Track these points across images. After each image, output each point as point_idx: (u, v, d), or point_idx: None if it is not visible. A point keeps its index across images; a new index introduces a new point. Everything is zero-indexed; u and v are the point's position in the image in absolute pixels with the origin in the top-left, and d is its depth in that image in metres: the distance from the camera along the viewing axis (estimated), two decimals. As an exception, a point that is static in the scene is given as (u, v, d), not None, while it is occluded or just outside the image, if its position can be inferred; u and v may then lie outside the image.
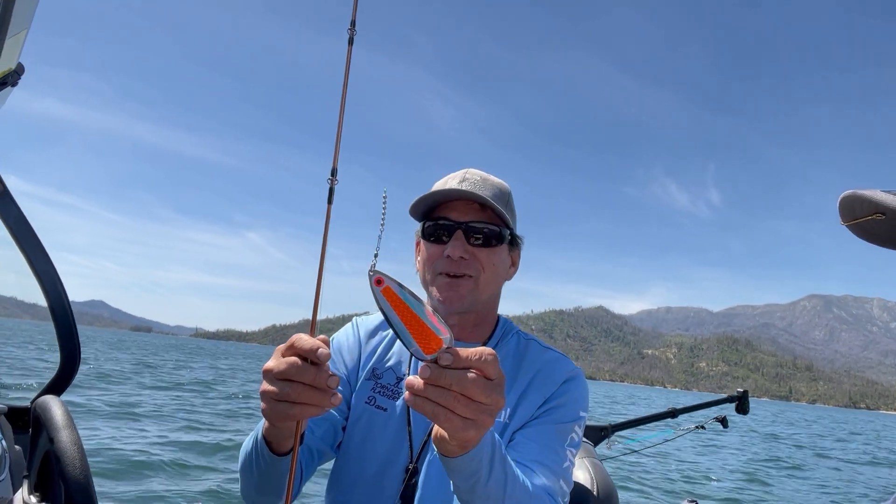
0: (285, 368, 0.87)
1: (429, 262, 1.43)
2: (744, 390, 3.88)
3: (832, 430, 47.12)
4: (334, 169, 0.92)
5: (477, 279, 1.40)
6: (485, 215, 1.41)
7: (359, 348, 1.53)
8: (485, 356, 0.85)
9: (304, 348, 0.87)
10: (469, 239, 1.40)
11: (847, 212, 0.81)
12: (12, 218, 1.81)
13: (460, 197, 1.40)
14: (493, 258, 1.42)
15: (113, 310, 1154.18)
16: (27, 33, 1.40)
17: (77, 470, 1.50)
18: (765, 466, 16.70)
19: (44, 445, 1.65)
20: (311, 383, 0.87)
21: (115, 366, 28.66)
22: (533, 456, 1.31)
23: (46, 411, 1.61)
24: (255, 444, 1.17)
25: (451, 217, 1.41)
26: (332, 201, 0.91)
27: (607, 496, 1.98)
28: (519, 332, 1.56)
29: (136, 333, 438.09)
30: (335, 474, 1.49)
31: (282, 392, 0.88)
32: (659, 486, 11.46)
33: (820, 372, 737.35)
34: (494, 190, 1.44)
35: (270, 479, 1.18)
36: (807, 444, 27.50)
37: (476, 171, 1.48)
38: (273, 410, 0.91)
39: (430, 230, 1.43)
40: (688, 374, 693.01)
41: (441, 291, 1.40)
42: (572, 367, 1.48)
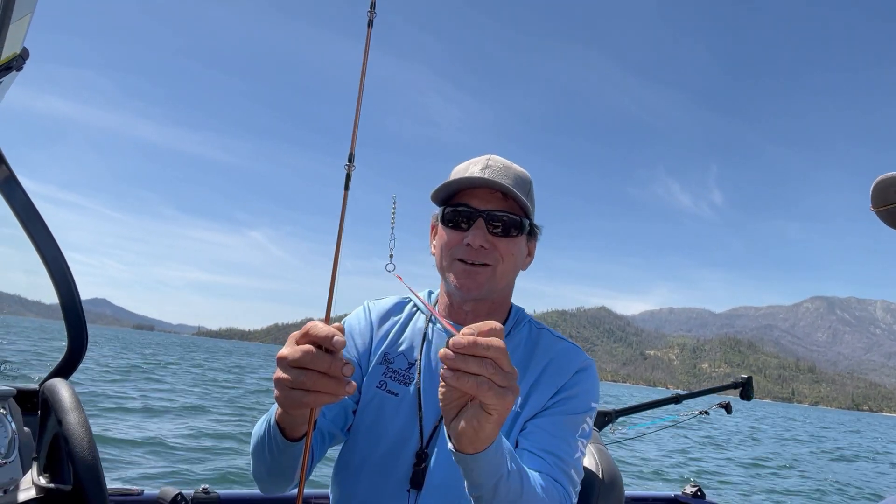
0: (300, 356, 0.87)
1: (447, 248, 1.42)
2: (748, 376, 3.86)
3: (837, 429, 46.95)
4: (352, 154, 0.91)
5: (495, 268, 1.40)
6: (506, 204, 1.40)
7: (370, 332, 1.53)
8: (494, 328, 0.90)
9: (319, 336, 0.87)
10: (489, 227, 1.39)
11: (880, 196, 0.78)
12: (19, 202, 1.82)
13: (483, 185, 1.39)
14: (511, 248, 1.41)
15: (115, 308, 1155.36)
16: (31, 17, 1.41)
17: (85, 451, 1.51)
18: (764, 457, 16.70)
19: (52, 427, 1.66)
20: (325, 371, 0.86)
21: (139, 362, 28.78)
22: (544, 445, 1.31)
23: (54, 394, 1.62)
24: (268, 428, 1.17)
25: (473, 204, 1.39)
26: (349, 187, 0.90)
27: (612, 481, 1.99)
28: (531, 321, 1.56)
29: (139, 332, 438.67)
30: (343, 457, 1.49)
31: (296, 380, 0.88)
32: (662, 471, 11.47)
33: (823, 374, 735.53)
34: (516, 178, 1.43)
35: (282, 463, 1.19)
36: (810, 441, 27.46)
37: (499, 157, 1.47)
38: (287, 398, 0.90)
39: (450, 216, 1.42)
40: (690, 375, 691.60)
41: (458, 278, 1.39)
42: (585, 357, 1.48)
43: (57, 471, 1.69)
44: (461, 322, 1.47)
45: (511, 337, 1.49)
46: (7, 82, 1.67)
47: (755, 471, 13.87)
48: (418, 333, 1.51)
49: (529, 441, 1.33)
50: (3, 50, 1.43)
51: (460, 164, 1.50)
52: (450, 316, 1.50)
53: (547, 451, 1.30)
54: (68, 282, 1.90)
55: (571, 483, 1.30)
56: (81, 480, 1.47)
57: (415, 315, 1.56)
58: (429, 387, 1.43)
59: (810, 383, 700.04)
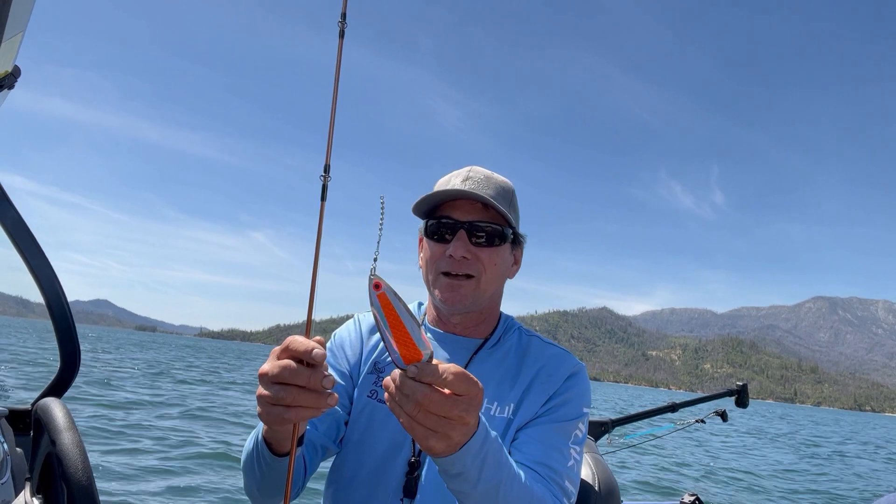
0: (278, 371, 0.87)
1: (431, 261, 1.43)
2: (743, 384, 3.85)
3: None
4: (327, 165, 0.92)
5: (479, 279, 1.41)
6: (487, 215, 1.41)
7: (360, 343, 1.54)
8: (448, 373, 0.89)
9: (298, 350, 0.87)
10: (471, 238, 1.40)
11: None
12: (9, 220, 1.80)
13: (463, 196, 1.40)
14: (494, 258, 1.43)
15: (118, 309, 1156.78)
16: (23, 36, 1.39)
17: (79, 471, 1.49)
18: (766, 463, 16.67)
19: (45, 447, 1.64)
20: (304, 385, 0.87)
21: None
22: (537, 457, 1.31)
23: (47, 413, 1.60)
24: (256, 444, 1.17)
25: (454, 216, 1.41)
26: (326, 198, 0.91)
27: (609, 491, 1.98)
28: (521, 329, 1.57)
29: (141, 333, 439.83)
30: (335, 468, 1.49)
31: (276, 396, 0.88)
32: (660, 480, 11.47)
33: (825, 374, 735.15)
34: (497, 188, 1.44)
35: (271, 478, 1.18)
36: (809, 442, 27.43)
37: (480, 168, 1.48)
38: (269, 414, 0.91)
39: (432, 228, 1.44)
40: (692, 375, 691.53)
41: (443, 292, 1.41)
42: (575, 362, 1.49)
43: (50, 492, 1.67)
44: (453, 332, 1.50)
45: (500, 345, 1.50)
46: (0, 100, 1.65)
47: (753, 478, 13.84)
48: None
49: (522, 453, 1.33)
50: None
51: (442, 177, 1.51)
52: (439, 326, 1.52)
53: (539, 462, 1.31)
54: (61, 302, 1.89)
55: (565, 494, 1.31)
56: (75, 501, 1.46)
57: None
58: None
59: (813, 384, 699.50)
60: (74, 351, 1.93)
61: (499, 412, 1.41)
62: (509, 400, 1.42)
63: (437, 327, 1.52)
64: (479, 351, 1.48)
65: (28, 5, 1.35)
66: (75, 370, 1.94)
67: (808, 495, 12.86)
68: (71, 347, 1.93)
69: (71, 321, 1.91)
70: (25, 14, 1.36)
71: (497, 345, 1.50)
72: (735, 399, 3.85)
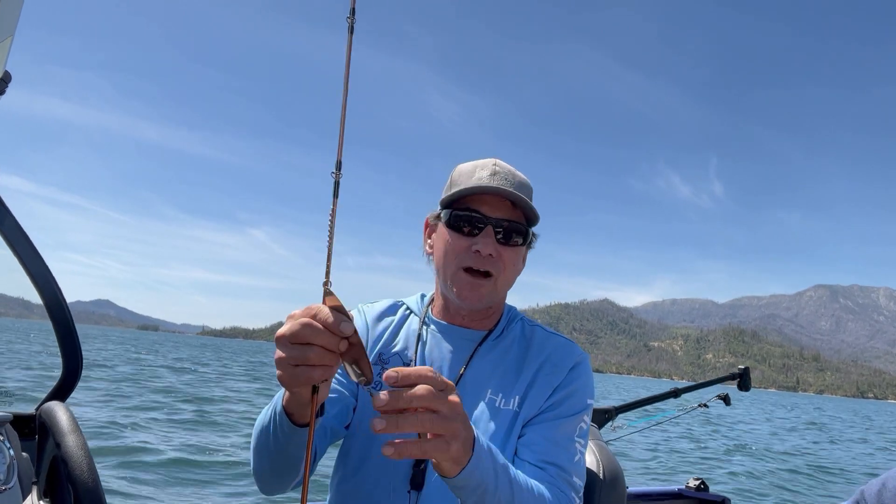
0: (300, 330, 0.87)
1: (452, 254, 1.40)
2: (745, 367, 3.85)
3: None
4: (339, 162, 0.90)
5: (496, 279, 1.39)
6: (514, 213, 1.39)
7: (366, 333, 1.52)
8: (422, 372, 0.90)
9: (327, 321, 0.86)
10: (498, 237, 1.38)
11: None
12: (7, 226, 1.79)
13: (496, 193, 1.37)
14: (514, 257, 1.41)
15: (119, 309, 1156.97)
16: (12, 41, 1.39)
17: (85, 474, 1.50)
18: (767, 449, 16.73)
19: (51, 451, 1.65)
20: (325, 346, 0.87)
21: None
22: (545, 457, 1.31)
23: (52, 417, 1.61)
24: (274, 416, 1.14)
25: (482, 211, 1.38)
26: (339, 195, 0.89)
27: (613, 478, 1.99)
28: (524, 319, 1.56)
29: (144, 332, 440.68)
30: (342, 456, 1.48)
31: (300, 356, 0.87)
32: (664, 466, 11.49)
33: (827, 362, 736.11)
34: (521, 186, 1.41)
35: (287, 453, 1.16)
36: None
37: (503, 162, 1.45)
38: (291, 376, 0.90)
39: (457, 220, 1.40)
40: (694, 365, 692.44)
41: (462, 289, 1.39)
42: (579, 352, 1.48)
43: (57, 495, 1.68)
44: (458, 324, 1.49)
45: (504, 336, 1.50)
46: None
47: (758, 461, 13.87)
48: (413, 334, 1.51)
49: (530, 452, 1.33)
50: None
51: (463, 164, 1.48)
52: (444, 317, 1.51)
53: (548, 461, 1.31)
54: (61, 306, 1.88)
55: (574, 489, 1.31)
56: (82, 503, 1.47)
57: (408, 317, 1.56)
58: None
59: (815, 372, 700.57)
60: (77, 355, 1.93)
61: (504, 404, 1.40)
62: (514, 392, 1.41)
63: (441, 319, 1.51)
64: (483, 343, 1.47)
65: (16, 10, 1.33)
66: (78, 373, 1.94)
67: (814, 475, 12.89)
68: (73, 351, 1.93)
69: (72, 325, 1.91)
70: (13, 19, 1.35)
71: (501, 336, 1.49)
72: (737, 383, 3.85)
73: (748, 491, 10.55)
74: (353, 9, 0.95)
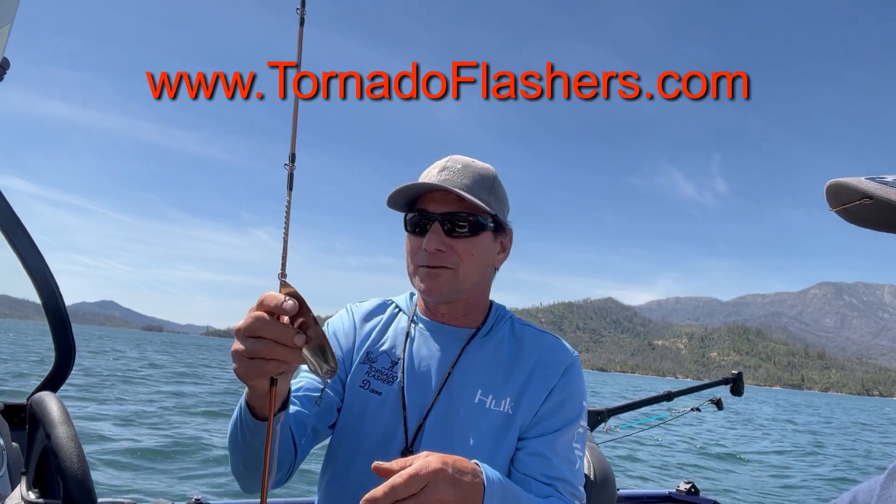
0: (250, 323, 0.90)
1: (410, 255, 1.43)
2: (738, 372, 3.87)
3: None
4: (292, 154, 0.92)
5: (456, 271, 1.39)
6: (463, 205, 1.39)
7: (353, 332, 1.53)
8: (397, 489, 0.96)
9: (270, 305, 0.90)
10: (446, 230, 1.38)
11: (834, 198, 0.81)
12: (1, 214, 1.79)
13: (435, 189, 1.38)
14: (470, 248, 1.40)
15: (124, 310, 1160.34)
16: (10, 27, 1.38)
17: (74, 464, 1.49)
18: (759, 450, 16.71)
19: (41, 441, 1.64)
20: (276, 339, 0.89)
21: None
22: (552, 472, 1.34)
23: (42, 407, 1.60)
24: (239, 411, 1.16)
25: (430, 209, 1.39)
26: (293, 187, 0.91)
27: (604, 480, 1.99)
28: (513, 318, 1.55)
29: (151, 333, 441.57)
30: (329, 457, 1.49)
31: (251, 349, 0.91)
32: (655, 469, 11.49)
33: (832, 360, 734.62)
34: (475, 177, 1.41)
35: (256, 448, 1.17)
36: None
37: (459, 157, 1.45)
38: (246, 368, 0.93)
39: (411, 222, 1.43)
40: (699, 364, 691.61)
41: (421, 282, 1.40)
42: (570, 352, 1.47)
43: (46, 485, 1.67)
44: (443, 322, 1.49)
45: (492, 334, 1.49)
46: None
47: (747, 465, 13.85)
48: (401, 332, 1.51)
49: (537, 468, 1.35)
50: (-17, 61, 1.40)
51: (426, 169, 1.49)
52: (429, 317, 1.51)
53: (556, 478, 1.33)
54: (55, 295, 1.87)
55: (577, 497, 1.35)
56: (72, 494, 1.46)
57: (397, 315, 1.56)
58: (412, 385, 1.43)
59: (820, 369, 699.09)
60: (69, 345, 1.92)
61: (494, 405, 1.40)
62: (505, 393, 1.41)
63: (427, 317, 1.52)
64: (472, 341, 1.47)
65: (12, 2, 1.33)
66: (70, 364, 1.93)
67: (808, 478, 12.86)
68: (66, 341, 1.91)
69: (65, 315, 1.89)
70: (12, 6, 1.34)
71: (489, 334, 1.49)
72: (730, 387, 3.88)
73: (738, 495, 10.54)
74: (304, 0, 0.98)
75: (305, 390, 1.41)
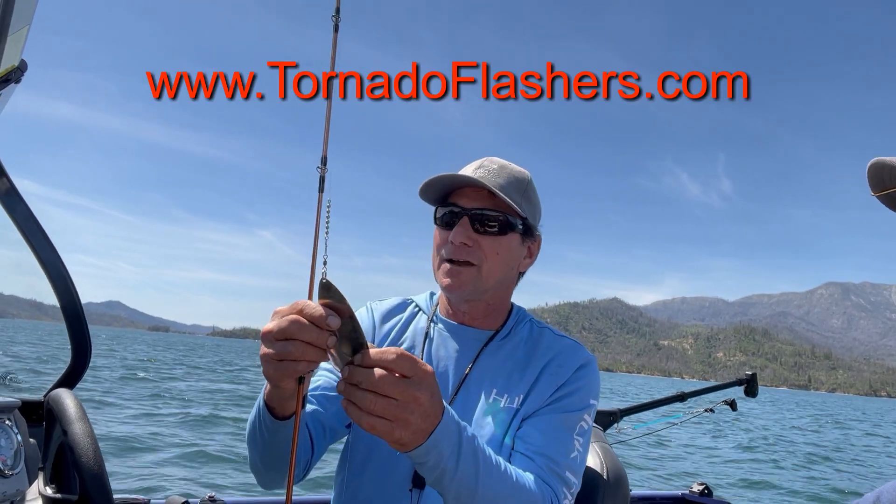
0: (287, 326, 0.89)
1: (436, 248, 1.44)
2: (752, 373, 3.83)
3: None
4: (324, 157, 0.93)
5: (479, 267, 1.39)
6: (494, 203, 1.40)
7: (373, 332, 1.54)
8: (389, 354, 0.91)
9: (314, 315, 0.89)
10: (475, 226, 1.39)
11: (876, 181, 0.78)
12: (20, 214, 1.82)
13: (469, 184, 1.40)
14: (497, 246, 1.40)
15: (130, 310, 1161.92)
16: (28, 29, 1.40)
17: (91, 460, 1.51)
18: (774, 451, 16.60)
19: (57, 438, 1.66)
20: (311, 342, 0.89)
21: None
22: (536, 447, 1.30)
23: (59, 404, 1.62)
24: (258, 410, 1.16)
25: (461, 203, 1.40)
26: (324, 189, 0.93)
27: (617, 480, 1.98)
28: (532, 320, 1.55)
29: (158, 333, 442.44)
30: (345, 454, 1.48)
31: (282, 352, 0.90)
32: (669, 470, 11.42)
33: (839, 360, 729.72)
34: (510, 178, 1.42)
35: (275, 446, 1.18)
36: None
37: (496, 158, 1.47)
38: (276, 370, 0.93)
39: (440, 216, 1.44)
40: (705, 364, 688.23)
41: (444, 277, 1.40)
42: (586, 354, 1.47)
43: (63, 481, 1.69)
44: (463, 322, 1.49)
45: (511, 336, 1.49)
46: (6, 95, 1.67)
47: (763, 466, 13.76)
48: (420, 332, 1.51)
49: (523, 443, 1.33)
50: (2, 62, 1.43)
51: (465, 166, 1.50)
52: (450, 318, 1.51)
53: (538, 452, 1.30)
54: (71, 293, 1.90)
55: (563, 483, 1.29)
56: (88, 490, 1.48)
57: (417, 315, 1.56)
58: None
59: (827, 370, 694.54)
60: (85, 342, 1.94)
61: (508, 403, 1.39)
62: (518, 391, 1.40)
63: (448, 318, 1.51)
64: (490, 343, 1.47)
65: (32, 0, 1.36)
66: (87, 361, 1.95)
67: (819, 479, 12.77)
68: (82, 339, 1.94)
69: (81, 313, 1.92)
70: (31, 8, 1.37)
71: (508, 336, 1.48)
72: (744, 388, 3.83)
73: (752, 496, 10.47)
74: (338, 7, 0.98)
75: (322, 389, 1.42)
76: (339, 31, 0.97)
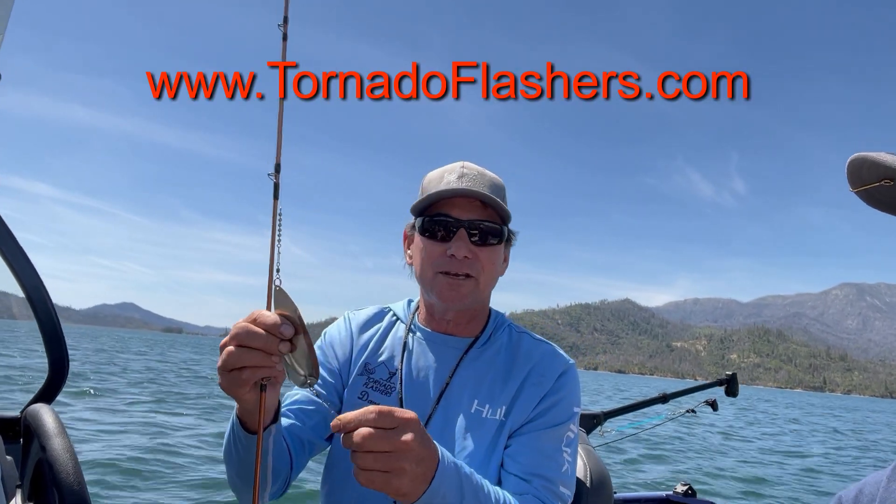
0: (235, 333, 0.92)
1: (428, 260, 1.40)
2: (732, 373, 3.88)
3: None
4: (278, 164, 0.92)
5: (478, 280, 1.39)
6: (486, 213, 1.39)
7: (350, 342, 1.52)
8: (369, 414, 0.94)
9: (266, 323, 0.91)
10: (472, 238, 1.37)
11: (855, 177, 0.78)
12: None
13: (464, 195, 1.37)
14: (492, 257, 1.41)
15: (144, 312, 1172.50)
16: (2, 40, 1.37)
17: (71, 476, 1.49)
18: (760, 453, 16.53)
19: (35, 454, 1.63)
20: (261, 348, 0.91)
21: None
22: (531, 468, 1.32)
23: (37, 420, 1.59)
24: (231, 425, 1.17)
25: (453, 214, 1.38)
26: (279, 196, 0.91)
27: (601, 483, 1.98)
28: (511, 325, 1.55)
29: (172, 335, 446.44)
30: (328, 468, 1.49)
31: (235, 360, 0.92)
32: (652, 472, 11.40)
33: (854, 362, 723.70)
34: (492, 185, 1.41)
35: (249, 461, 1.17)
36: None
37: (471, 164, 1.45)
38: (227, 380, 0.95)
39: (429, 226, 1.40)
40: (718, 366, 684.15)
41: (443, 291, 1.38)
42: (565, 360, 1.47)
43: (42, 498, 1.66)
44: (443, 331, 1.48)
45: (490, 343, 1.49)
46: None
47: (746, 467, 13.68)
48: (399, 342, 1.50)
49: (516, 464, 1.33)
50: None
51: (431, 171, 1.48)
52: (430, 325, 1.50)
53: (532, 474, 1.31)
54: (46, 306, 1.85)
55: (559, 499, 1.32)
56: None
57: (395, 324, 1.55)
58: (411, 396, 1.43)
59: (842, 371, 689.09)
60: (62, 356, 1.91)
61: (490, 414, 1.39)
62: (501, 401, 1.40)
63: (427, 327, 1.50)
64: (469, 350, 1.46)
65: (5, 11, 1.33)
66: (64, 375, 1.92)
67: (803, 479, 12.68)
68: (58, 352, 1.90)
69: (57, 324, 1.88)
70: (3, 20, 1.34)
71: (487, 343, 1.48)
72: (724, 388, 3.89)
73: (735, 496, 10.41)
74: (286, 17, 1.00)
75: (300, 403, 1.41)
76: (287, 39, 0.98)
